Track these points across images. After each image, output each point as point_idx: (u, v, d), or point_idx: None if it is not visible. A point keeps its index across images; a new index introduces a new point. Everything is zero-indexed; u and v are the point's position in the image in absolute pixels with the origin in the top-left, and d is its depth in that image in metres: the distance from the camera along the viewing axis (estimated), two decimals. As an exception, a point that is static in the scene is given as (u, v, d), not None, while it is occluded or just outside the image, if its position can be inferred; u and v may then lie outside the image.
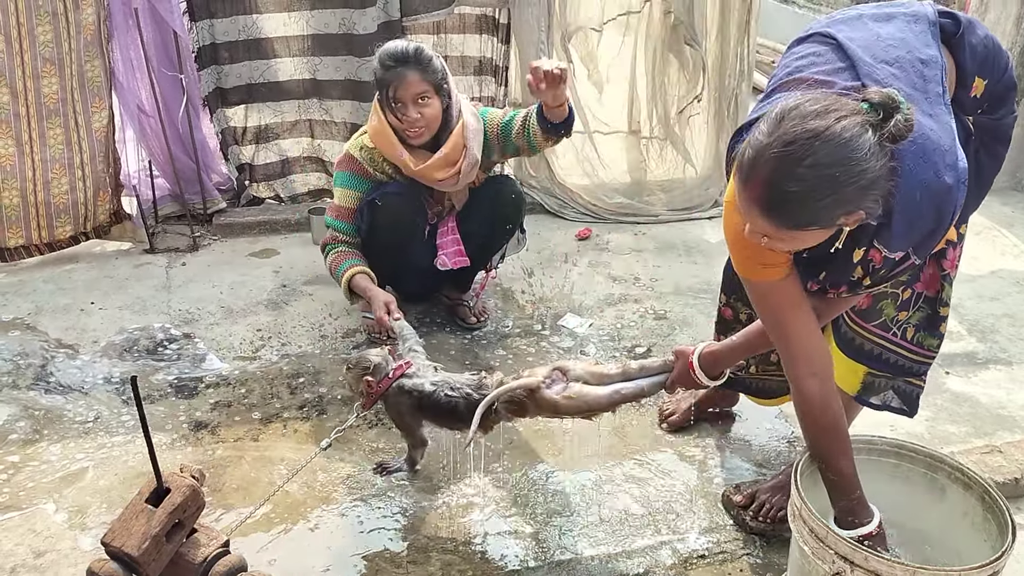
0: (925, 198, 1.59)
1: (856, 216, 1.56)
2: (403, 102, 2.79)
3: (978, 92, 1.82)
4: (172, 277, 3.55)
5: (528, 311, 3.34)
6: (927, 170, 1.58)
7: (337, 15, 3.79)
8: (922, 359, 2.09)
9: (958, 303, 3.44)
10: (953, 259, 1.99)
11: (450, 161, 2.89)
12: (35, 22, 3.22)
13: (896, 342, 2.07)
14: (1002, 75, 1.84)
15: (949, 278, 2.01)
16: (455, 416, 2.22)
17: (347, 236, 3.00)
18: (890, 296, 2.01)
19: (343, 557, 2.14)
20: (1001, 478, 2.31)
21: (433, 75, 2.79)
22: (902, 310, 2.03)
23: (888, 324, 2.05)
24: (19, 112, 3.32)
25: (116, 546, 1.75)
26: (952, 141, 1.62)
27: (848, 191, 1.50)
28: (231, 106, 3.92)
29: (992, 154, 1.93)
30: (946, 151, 1.60)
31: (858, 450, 1.96)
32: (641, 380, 2.14)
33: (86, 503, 2.29)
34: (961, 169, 1.61)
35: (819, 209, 1.52)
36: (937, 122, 1.62)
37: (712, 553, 2.18)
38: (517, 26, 3.93)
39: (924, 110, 1.62)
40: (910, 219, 1.61)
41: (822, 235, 1.61)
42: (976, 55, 1.79)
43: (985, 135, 1.89)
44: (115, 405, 2.70)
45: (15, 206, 3.45)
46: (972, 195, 1.81)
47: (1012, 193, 4.56)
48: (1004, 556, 1.64)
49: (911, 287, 2.00)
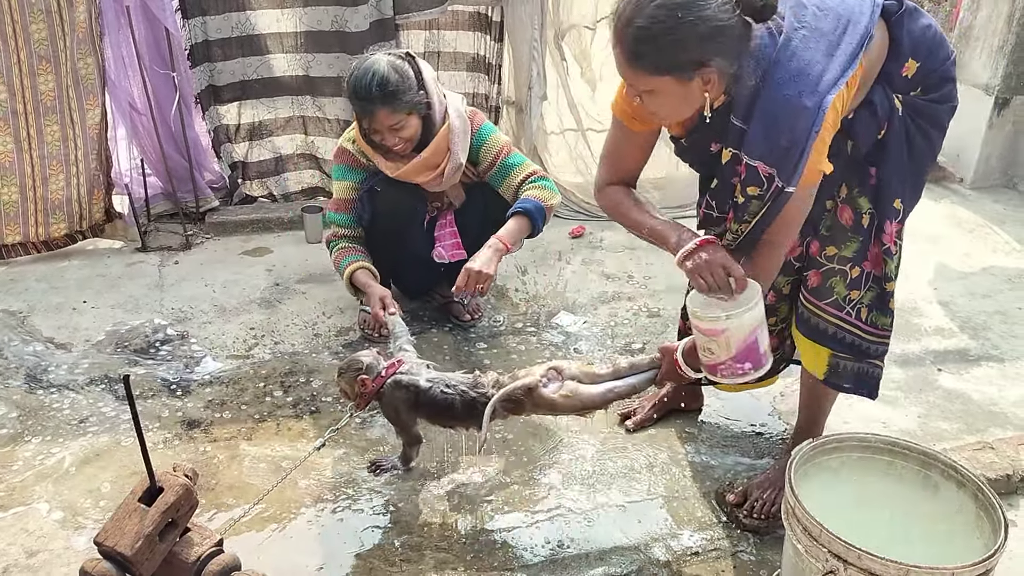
0: (782, 112, 1.77)
1: (708, 73, 1.74)
2: (378, 132, 2.77)
3: (910, 73, 1.95)
4: (165, 276, 3.54)
5: (522, 309, 3.34)
6: (792, 87, 1.75)
7: (330, 12, 3.78)
8: (878, 339, 2.19)
9: (950, 300, 3.45)
10: (891, 234, 2.08)
11: (430, 165, 2.86)
12: (29, 20, 3.22)
13: (851, 322, 2.17)
14: (939, 65, 1.97)
15: (890, 253, 2.10)
16: (451, 413, 2.23)
17: (347, 229, 3.01)
18: (838, 273, 2.13)
19: (337, 555, 2.14)
20: (993, 474, 2.32)
21: (404, 105, 2.72)
22: (853, 289, 2.14)
23: (840, 303, 2.15)
24: (17, 109, 3.33)
25: (109, 545, 1.74)
26: (831, 83, 1.76)
27: (689, 33, 1.67)
28: (224, 103, 3.91)
29: (924, 134, 2.03)
30: (816, 82, 1.76)
31: (851, 448, 1.97)
32: (631, 378, 2.19)
33: (79, 502, 2.29)
34: (824, 101, 1.74)
35: (665, 49, 1.70)
36: (828, 62, 1.77)
37: (705, 550, 2.18)
38: (510, 24, 3.92)
39: (823, 50, 1.78)
40: (766, 126, 1.79)
41: (680, 90, 1.77)
42: (912, 38, 1.93)
43: (917, 115, 2.00)
44: (107, 404, 2.69)
45: (14, 202, 3.46)
46: (906, 170, 2.02)
47: (1003, 191, 4.57)
48: (997, 554, 1.64)
49: (859, 265, 2.12)
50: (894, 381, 2.91)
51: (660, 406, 2.68)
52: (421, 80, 2.78)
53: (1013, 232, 4.11)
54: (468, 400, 2.21)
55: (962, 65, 4.54)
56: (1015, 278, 3.68)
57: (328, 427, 2.41)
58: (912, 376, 2.95)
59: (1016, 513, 2.31)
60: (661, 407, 2.68)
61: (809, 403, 2.39)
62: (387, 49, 2.88)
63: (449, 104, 2.89)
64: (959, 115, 2.10)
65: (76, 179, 3.55)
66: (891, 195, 2.04)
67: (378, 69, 2.69)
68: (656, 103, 1.84)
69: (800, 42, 1.79)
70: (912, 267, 3.73)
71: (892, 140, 2.00)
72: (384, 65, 2.70)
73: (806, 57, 1.77)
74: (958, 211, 4.33)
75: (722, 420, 2.71)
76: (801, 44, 1.79)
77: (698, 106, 1.83)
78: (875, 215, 2.07)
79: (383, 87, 2.68)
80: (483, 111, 4.19)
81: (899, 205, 2.07)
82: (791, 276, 2.24)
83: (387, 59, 2.74)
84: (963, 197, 4.48)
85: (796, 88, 1.76)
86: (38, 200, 3.50)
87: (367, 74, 2.69)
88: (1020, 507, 2.33)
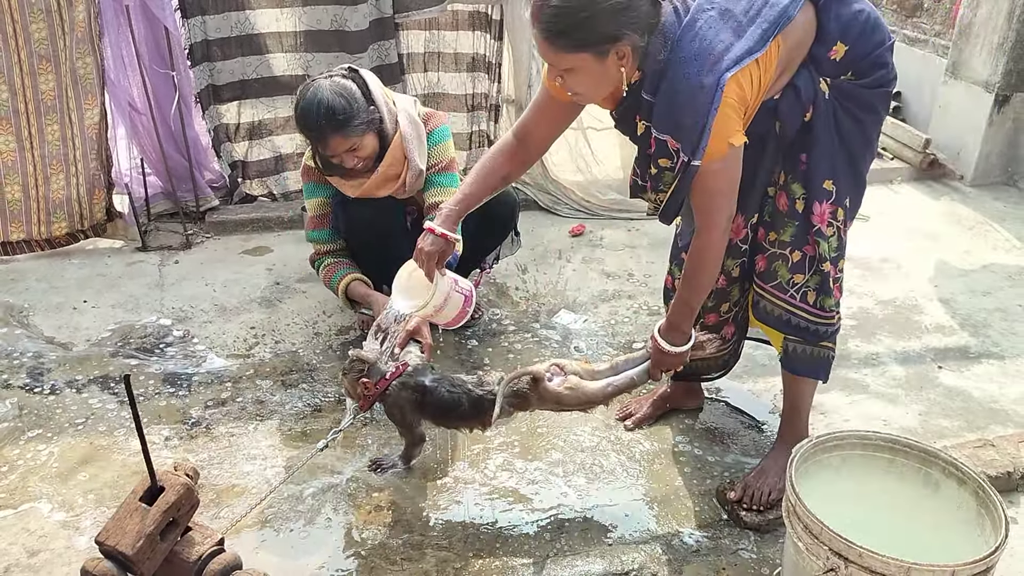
0: (683, 89, 1.86)
1: (623, 48, 1.83)
2: (335, 156, 2.70)
3: (838, 56, 2.01)
4: (165, 275, 3.54)
5: (522, 307, 3.34)
6: (694, 66, 1.85)
7: (329, 11, 3.77)
8: (824, 321, 2.25)
9: (950, 297, 3.45)
10: (822, 214, 2.13)
11: (390, 176, 2.80)
12: (29, 19, 3.24)
13: (797, 304, 2.25)
14: (872, 50, 2.01)
15: (822, 234, 2.15)
16: (458, 413, 2.25)
17: (329, 244, 2.99)
18: (780, 258, 2.23)
19: (337, 554, 2.14)
20: (994, 472, 2.32)
21: (356, 128, 2.64)
22: (796, 272, 2.22)
23: (784, 286, 2.24)
24: (18, 108, 3.35)
25: (110, 545, 1.74)
26: (733, 60, 1.85)
27: (602, 8, 1.78)
28: (224, 103, 3.91)
29: (853, 118, 2.07)
30: (717, 60, 1.85)
31: (852, 445, 1.97)
32: (629, 371, 2.25)
33: (80, 502, 2.29)
34: (722, 79, 1.83)
35: (581, 25, 1.79)
36: (735, 41, 1.86)
37: (706, 548, 2.18)
38: (510, 22, 3.92)
39: (731, 29, 1.87)
40: (669, 101, 1.90)
41: (597, 67, 1.86)
42: (841, 22, 1.98)
43: (845, 99, 2.05)
44: (108, 403, 2.70)
45: (17, 200, 3.49)
46: (836, 153, 2.08)
47: (1004, 188, 4.57)
48: (998, 551, 1.64)
49: (799, 250, 2.19)
50: (895, 379, 2.91)
51: (659, 405, 2.68)
52: (369, 95, 2.70)
53: (1013, 229, 4.11)
54: (475, 398, 2.22)
55: (962, 62, 4.54)
56: (1015, 275, 3.68)
57: (329, 426, 2.42)
58: (913, 374, 2.95)
59: (1017, 510, 2.31)
60: (660, 406, 2.68)
61: (786, 390, 2.42)
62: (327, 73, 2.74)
63: (399, 111, 2.81)
64: (959, 113, 2.12)
65: (76, 179, 3.55)
66: (820, 176, 2.10)
67: (323, 98, 2.59)
68: (575, 81, 1.92)
69: (705, 22, 1.88)
70: (912, 264, 3.74)
71: (819, 123, 2.06)
72: (328, 92, 2.60)
73: (709, 36, 1.86)
74: (958, 208, 4.33)
75: (721, 418, 2.71)
76: (706, 24, 1.88)
77: (615, 83, 1.92)
78: (807, 199, 2.14)
79: (331, 116, 2.59)
80: (483, 110, 4.21)
81: (830, 186, 2.12)
82: (738, 259, 2.31)
83: (329, 84, 2.64)
84: (963, 194, 4.48)
85: (696, 67, 1.85)
86: (40, 199, 3.51)
87: (312, 105, 2.60)
88: (1021, 504, 2.33)
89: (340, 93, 2.62)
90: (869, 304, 3.40)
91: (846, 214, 2.16)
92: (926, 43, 5.01)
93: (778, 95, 2.04)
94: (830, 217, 2.14)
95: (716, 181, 1.97)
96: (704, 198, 2.00)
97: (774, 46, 1.90)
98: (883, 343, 3.13)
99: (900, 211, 4.29)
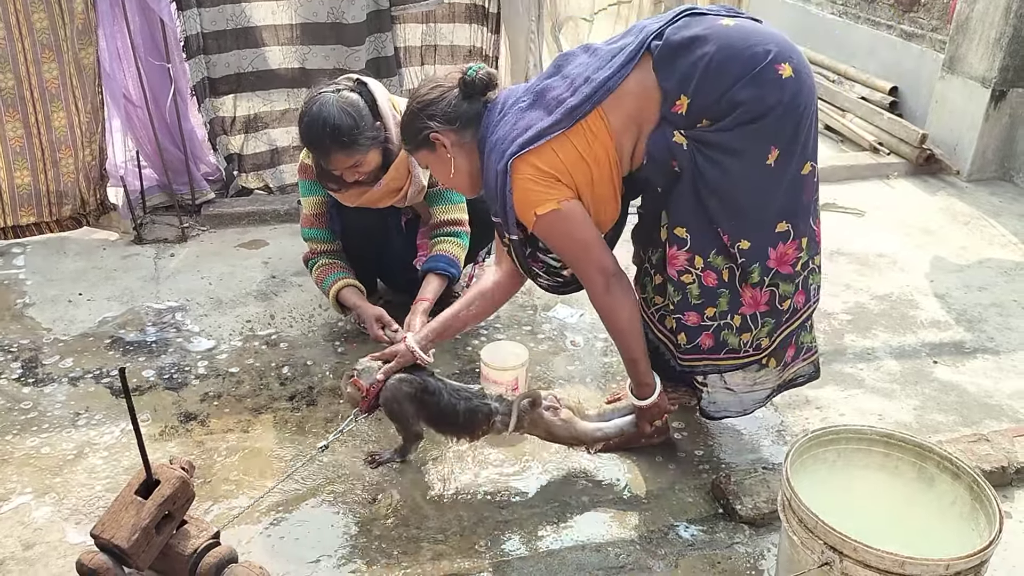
0: (489, 177, 2.14)
1: (435, 135, 2.16)
2: (337, 170, 2.66)
3: (683, 109, 2.05)
4: (160, 268, 3.54)
5: (518, 301, 3.34)
6: (494, 156, 2.10)
7: (326, 4, 3.76)
8: (672, 347, 2.34)
9: (946, 292, 3.46)
10: (676, 261, 2.18)
11: (392, 189, 2.76)
12: (31, 9, 3.29)
13: (654, 323, 2.41)
14: (721, 95, 2.01)
15: (674, 281, 2.21)
16: (452, 419, 2.29)
17: (325, 244, 2.99)
18: (645, 276, 2.41)
19: (333, 548, 2.14)
20: (988, 466, 2.33)
21: (361, 147, 2.58)
22: (657, 294, 2.36)
23: (647, 303, 2.41)
24: (24, 96, 3.40)
25: (106, 538, 1.75)
26: (522, 144, 2.05)
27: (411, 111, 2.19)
28: (220, 95, 3.90)
29: (714, 162, 2.06)
30: (508, 146, 2.07)
31: (847, 440, 1.98)
32: (618, 419, 2.44)
33: (75, 495, 2.29)
34: (509, 164, 2.07)
35: (416, 129, 2.18)
36: (536, 124, 2.06)
37: (702, 542, 2.19)
38: (507, 15, 3.92)
39: (541, 113, 2.08)
40: (487, 180, 2.17)
41: (434, 157, 2.23)
42: (678, 75, 2.03)
43: (705, 147, 2.06)
44: (103, 396, 2.69)
45: (27, 185, 3.53)
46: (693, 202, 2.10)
47: (1000, 183, 4.57)
48: (992, 545, 1.65)
49: (662, 273, 2.29)
50: (890, 373, 2.91)
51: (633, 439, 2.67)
52: (376, 109, 2.65)
53: (1009, 225, 4.11)
54: (472, 407, 2.28)
55: (959, 57, 4.54)
56: (1011, 271, 3.69)
57: (325, 418, 2.41)
58: (908, 368, 2.95)
59: (1011, 505, 2.32)
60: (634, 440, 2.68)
61: None
62: (333, 84, 2.67)
63: None
64: (955, 108, 2.11)
65: (84, 163, 3.60)
66: (672, 223, 2.17)
67: (328, 116, 2.53)
68: (434, 172, 2.32)
69: (512, 115, 2.11)
70: (908, 259, 3.74)
71: (684, 173, 2.10)
72: (334, 108, 2.54)
73: (507, 126, 2.10)
74: (954, 204, 4.33)
75: (718, 412, 2.71)
76: (512, 116, 2.11)
77: (460, 168, 2.22)
78: (665, 246, 2.21)
79: (336, 135, 2.54)
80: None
81: (682, 233, 2.15)
82: None
83: (336, 100, 2.57)
84: (959, 190, 4.49)
85: (496, 156, 2.10)
86: (49, 183, 3.57)
87: (317, 122, 2.54)
88: (1015, 499, 2.34)
89: (346, 110, 2.56)
90: (865, 299, 3.41)
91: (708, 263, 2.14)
92: (923, 38, 5.00)
93: (644, 159, 2.13)
94: (686, 264, 2.16)
95: (558, 242, 2.18)
96: (565, 260, 2.24)
97: (594, 117, 2.06)
98: (879, 338, 3.14)
99: (896, 206, 4.30)
